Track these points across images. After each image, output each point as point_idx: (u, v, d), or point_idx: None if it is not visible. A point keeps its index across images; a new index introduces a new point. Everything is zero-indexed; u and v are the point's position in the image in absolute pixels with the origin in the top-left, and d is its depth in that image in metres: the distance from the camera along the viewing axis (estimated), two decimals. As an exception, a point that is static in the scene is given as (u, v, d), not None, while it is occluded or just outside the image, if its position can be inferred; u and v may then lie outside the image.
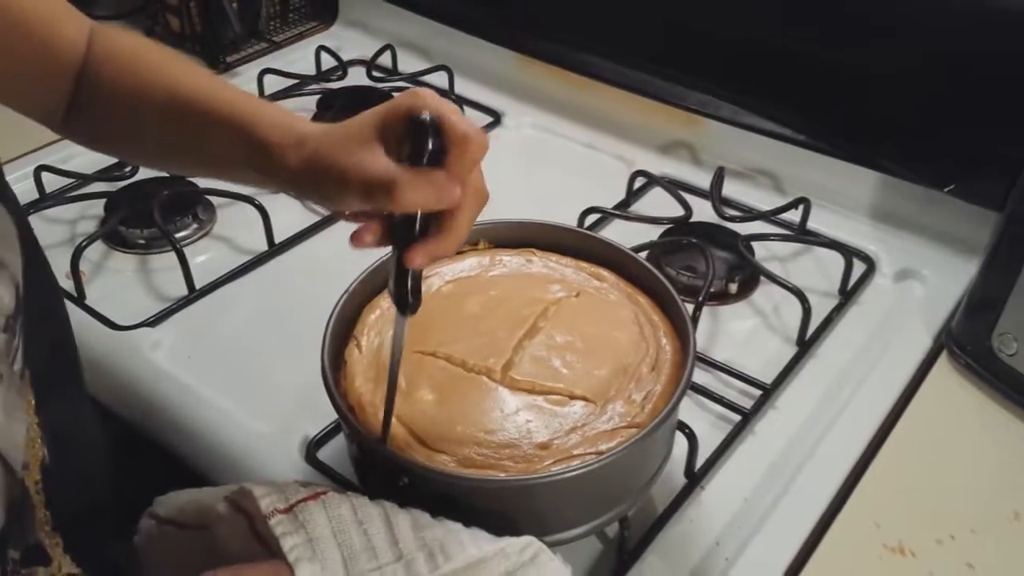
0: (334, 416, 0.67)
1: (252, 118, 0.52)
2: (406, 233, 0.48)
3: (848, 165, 0.88)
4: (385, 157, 0.47)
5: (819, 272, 0.83)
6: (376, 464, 0.53)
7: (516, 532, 0.50)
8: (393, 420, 0.54)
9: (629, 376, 0.56)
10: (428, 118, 0.45)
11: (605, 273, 0.65)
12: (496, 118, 1.05)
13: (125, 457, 0.75)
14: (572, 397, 0.56)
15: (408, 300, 0.50)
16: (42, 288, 0.49)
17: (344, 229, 0.89)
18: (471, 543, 0.48)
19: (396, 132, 0.47)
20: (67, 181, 0.91)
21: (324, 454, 0.66)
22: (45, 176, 0.89)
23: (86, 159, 0.96)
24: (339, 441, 0.67)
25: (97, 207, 0.88)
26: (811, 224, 0.87)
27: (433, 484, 0.51)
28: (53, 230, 0.87)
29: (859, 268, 0.82)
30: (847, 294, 0.80)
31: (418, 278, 0.49)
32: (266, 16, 1.19)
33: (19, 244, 0.45)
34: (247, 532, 0.49)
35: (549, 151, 1.01)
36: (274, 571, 0.45)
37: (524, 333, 0.60)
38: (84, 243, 0.80)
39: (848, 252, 0.81)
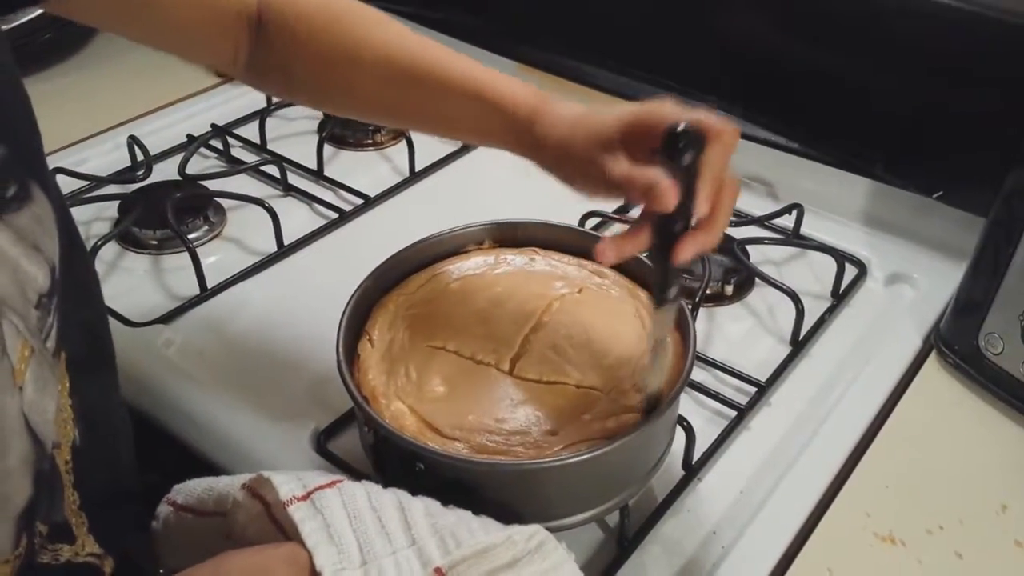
0: (343, 409, 0.70)
1: (501, 97, 0.59)
2: (668, 231, 0.50)
3: (840, 172, 0.91)
4: (627, 162, 0.51)
5: (812, 275, 0.86)
6: (392, 450, 0.55)
7: (526, 516, 0.52)
8: (406, 410, 0.57)
9: (632, 367, 0.59)
10: (686, 127, 0.48)
11: (606, 271, 0.68)
12: (498, 126, 1.08)
13: (141, 447, 0.77)
14: (578, 387, 0.58)
15: (670, 294, 0.53)
16: (80, 275, 0.51)
17: (346, 233, 0.92)
18: (480, 530, 0.50)
19: (638, 137, 0.51)
20: (82, 183, 0.93)
21: (333, 445, 0.68)
22: (61, 178, 0.91)
23: (100, 162, 0.99)
24: (347, 433, 0.69)
25: (111, 209, 0.90)
26: (804, 229, 0.89)
27: (448, 469, 0.53)
28: (67, 231, 0.89)
29: (851, 272, 0.85)
30: (839, 296, 0.83)
31: (677, 273, 0.52)
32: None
33: (57, 231, 0.47)
34: (264, 519, 0.50)
35: (550, 158, 1.04)
36: (292, 553, 0.47)
37: (530, 327, 0.62)
38: (99, 243, 0.82)
39: (840, 256, 0.84)
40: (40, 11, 0.62)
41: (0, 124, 0.40)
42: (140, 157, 0.96)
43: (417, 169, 0.99)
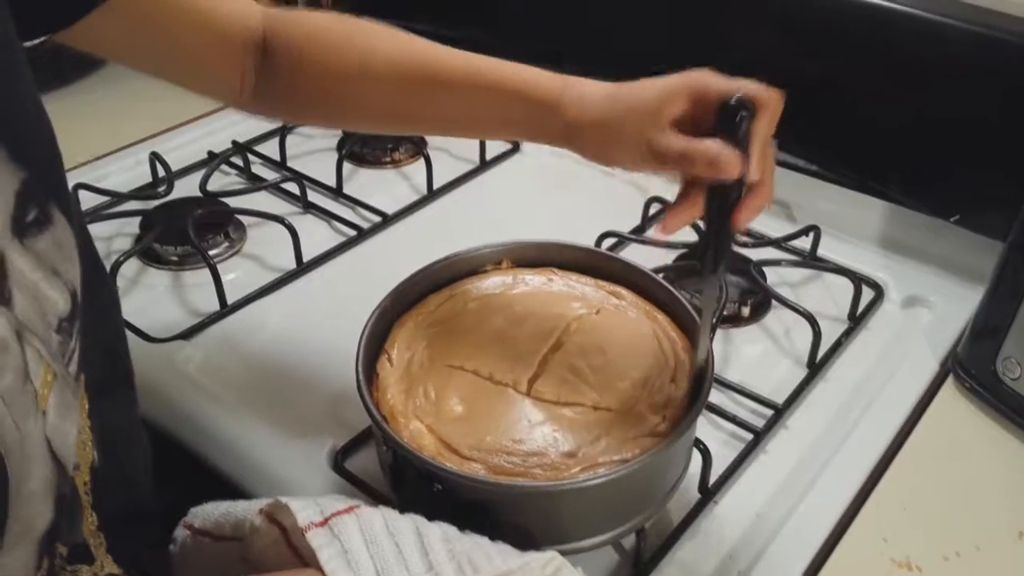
0: (360, 427, 0.70)
1: (522, 84, 0.59)
2: (723, 199, 0.53)
3: (857, 195, 0.91)
4: (682, 136, 0.53)
5: (829, 298, 0.86)
6: (410, 470, 0.56)
7: (542, 538, 0.52)
8: (424, 429, 0.57)
9: (650, 388, 0.59)
10: (742, 98, 0.51)
11: (623, 292, 0.68)
12: (515, 145, 1.09)
13: (159, 463, 0.78)
14: (596, 408, 0.58)
15: (725, 262, 0.56)
16: (100, 298, 0.51)
17: (365, 250, 0.93)
18: (497, 556, 0.50)
19: (685, 109, 0.53)
20: (104, 199, 0.94)
21: (350, 463, 0.68)
22: (83, 194, 0.92)
23: (121, 178, 1.00)
24: (365, 451, 0.69)
25: (132, 224, 0.91)
26: (821, 251, 0.89)
27: (465, 490, 0.53)
28: (89, 246, 0.90)
29: (868, 294, 0.85)
30: (856, 319, 0.83)
31: (731, 240, 0.56)
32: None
33: (78, 254, 0.47)
34: (282, 544, 0.51)
35: (567, 177, 1.04)
36: None
37: (548, 348, 0.63)
38: (121, 259, 0.83)
39: (857, 279, 0.84)
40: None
41: (22, 148, 0.40)
42: (162, 173, 0.97)
43: (435, 187, 1.00)
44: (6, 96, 0.41)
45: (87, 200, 0.93)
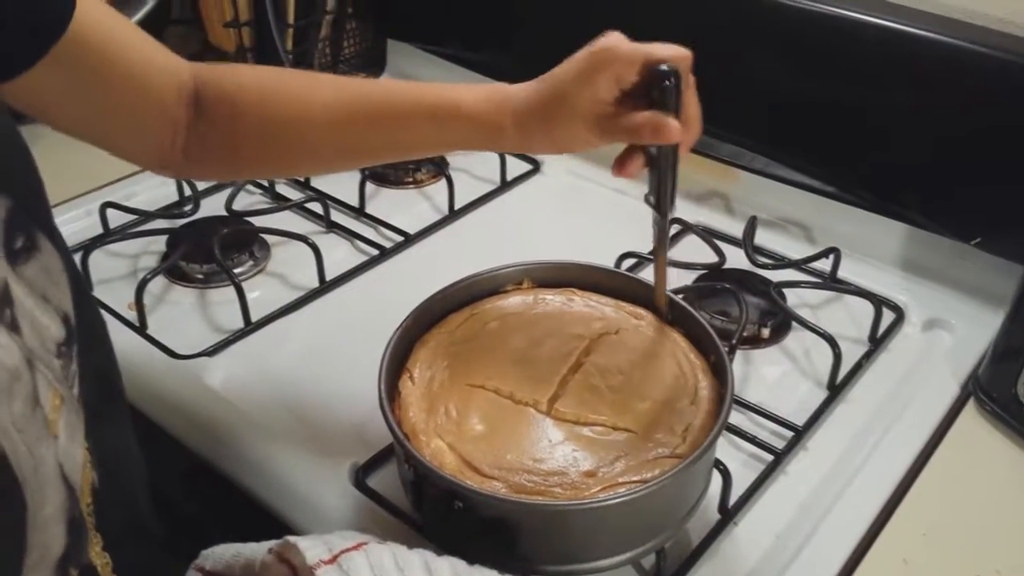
0: (381, 445, 0.70)
1: (458, 102, 0.61)
2: (667, 149, 0.59)
3: (877, 217, 0.91)
4: (620, 111, 0.57)
5: (849, 320, 0.86)
6: (431, 488, 0.56)
7: (562, 558, 0.52)
8: (446, 448, 0.58)
9: (669, 409, 0.59)
10: (671, 67, 0.55)
11: (643, 312, 0.69)
12: (535, 166, 1.10)
13: (182, 478, 0.79)
14: (615, 428, 0.59)
15: (671, 204, 0.62)
16: (89, 320, 0.51)
17: (386, 270, 0.94)
18: None
19: (609, 79, 0.57)
20: (130, 217, 0.95)
21: (372, 480, 0.69)
22: (110, 212, 0.94)
23: (148, 196, 1.01)
24: (386, 469, 0.70)
25: (159, 243, 0.93)
26: (841, 273, 0.90)
27: (486, 508, 0.54)
28: (117, 264, 0.92)
29: (888, 317, 0.85)
30: (876, 341, 0.83)
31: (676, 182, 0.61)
32: (318, 67, 1.25)
33: (67, 279, 0.47)
34: None
35: (587, 198, 1.05)
36: None
37: (568, 368, 0.63)
38: (148, 276, 0.84)
39: (878, 301, 0.84)
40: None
41: (5, 177, 0.40)
42: (188, 192, 0.99)
43: (456, 207, 1.01)
44: None
45: (115, 218, 0.95)
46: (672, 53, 0.56)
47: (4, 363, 0.38)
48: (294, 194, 1.03)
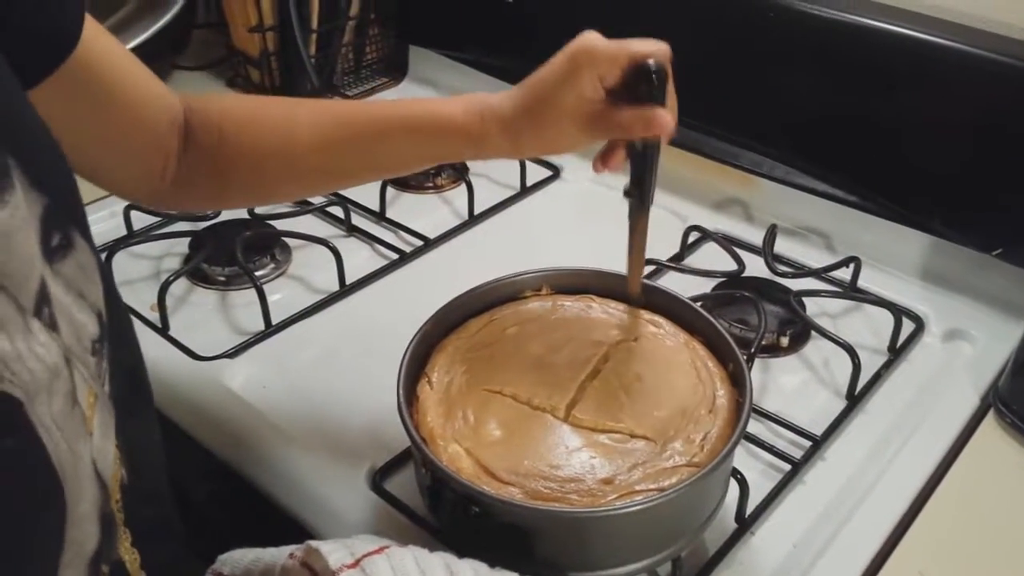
0: (399, 449, 0.71)
1: (437, 117, 0.63)
2: (648, 141, 0.60)
3: (898, 226, 0.91)
4: (610, 107, 0.58)
5: (869, 329, 0.85)
6: (448, 493, 0.56)
7: (578, 565, 0.52)
8: (463, 453, 0.58)
9: (687, 417, 0.59)
10: (657, 64, 0.56)
11: (661, 320, 0.69)
12: (555, 172, 1.10)
13: (202, 479, 0.79)
14: (633, 436, 0.59)
15: (650, 195, 0.63)
16: (118, 317, 0.52)
17: (406, 274, 0.94)
18: None
19: (591, 77, 0.58)
20: (154, 220, 0.96)
21: (389, 484, 0.69)
22: (134, 214, 0.95)
23: (172, 200, 1.02)
24: (403, 472, 0.70)
25: (181, 245, 0.94)
26: (861, 282, 0.89)
27: (503, 514, 0.54)
28: (140, 265, 0.93)
29: (908, 327, 0.84)
30: (896, 351, 0.82)
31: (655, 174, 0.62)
32: (341, 72, 1.26)
33: (99, 277, 0.48)
34: None
35: (606, 205, 1.05)
36: None
37: (586, 374, 0.63)
38: (171, 278, 0.85)
39: (898, 311, 0.84)
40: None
41: (40, 175, 0.40)
42: (211, 195, 1.00)
43: (476, 212, 1.01)
44: (18, 126, 0.42)
45: (139, 220, 0.96)
46: (654, 48, 0.57)
47: (45, 361, 0.39)
48: (316, 198, 1.04)
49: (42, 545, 0.39)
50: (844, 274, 0.90)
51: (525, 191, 1.06)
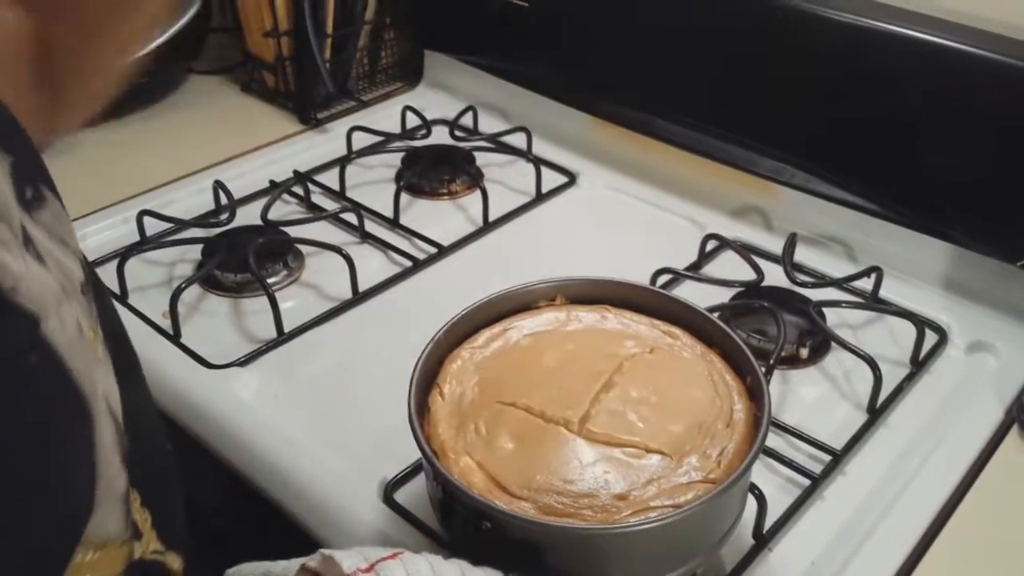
0: (411, 460, 0.70)
1: None
2: None
3: (920, 236, 0.89)
4: None
5: (891, 341, 0.84)
6: (459, 507, 0.55)
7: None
8: (475, 466, 0.57)
9: (704, 432, 0.58)
10: None
11: (678, 331, 0.67)
12: (571, 178, 1.09)
13: (211, 490, 0.79)
14: (648, 450, 0.57)
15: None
16: (96, 280, 0.52)
17: (419, 281, 0.93)
18: None
19: None
20: (167, 225, 0.96)
21: (401, 496, 0.69)
22: (147, 220, 0.94)
23: (185, 205, 1.02)
24: (415, 484, 0.69)
25: (194, 251, 0.93)
26: (883, 293, 0.88)
27: (514, 529, 0.53)
28: (152, 272, 0.92)
29: (931, 339, 0.83)
30: (919, 364, 0.81)
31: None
32: (356, 76, 1.25)
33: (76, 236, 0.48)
34: None
35: (622, 212, 1.04)
36: None
37: (600, 387, 0.62)
38: (183, 285, 0.84)
39: (920, 322, 0.82)
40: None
41: (1, 136, 0.42)
42: (224, 201, 0.99)
43: (490, 219, 1.00)
44: None
45: (151, 226, 0.95)
46: None
47: (48, 285, 0.38)
48: (329, 204, 1.03)
49: (78, 468, 0.38)
50: (865, 284, 0.88)
51: (540, 198, 1.05)
